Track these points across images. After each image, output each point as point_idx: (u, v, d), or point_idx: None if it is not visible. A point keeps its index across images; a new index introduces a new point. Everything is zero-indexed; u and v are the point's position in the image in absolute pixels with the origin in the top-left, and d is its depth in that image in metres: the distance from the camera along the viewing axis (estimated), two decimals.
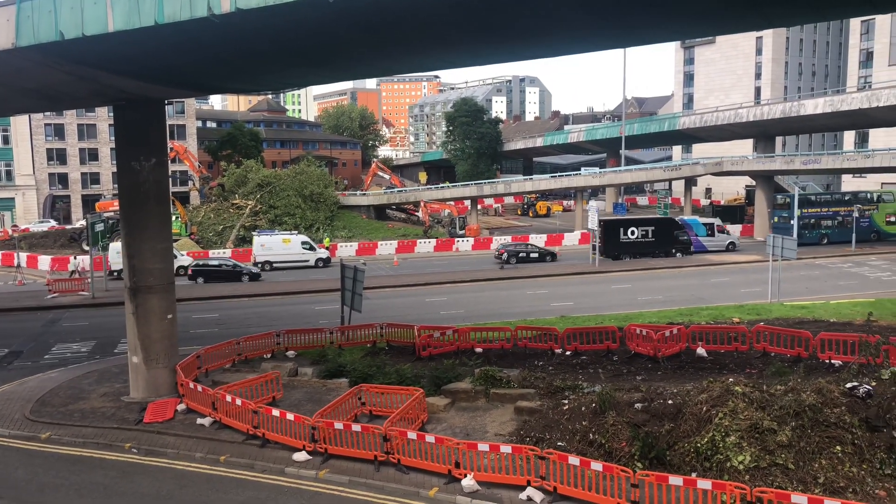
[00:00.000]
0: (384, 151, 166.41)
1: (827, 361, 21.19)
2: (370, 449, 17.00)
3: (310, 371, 23.66)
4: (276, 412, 18.60)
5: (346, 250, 61.22)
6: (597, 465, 14.45)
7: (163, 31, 15.20)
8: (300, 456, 17.65)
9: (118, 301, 29.30)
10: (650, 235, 54.97)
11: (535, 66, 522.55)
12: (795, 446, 14.29)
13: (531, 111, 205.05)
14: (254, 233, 60.04)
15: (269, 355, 25.83)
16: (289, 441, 18.11)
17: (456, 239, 65.52)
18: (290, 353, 25.90)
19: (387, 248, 62.56)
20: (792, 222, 57.86)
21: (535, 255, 54.82)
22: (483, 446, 16.06)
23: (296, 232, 60.63)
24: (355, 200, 78.01)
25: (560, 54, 22.95)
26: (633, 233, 54.72)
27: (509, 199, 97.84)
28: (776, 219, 61.76)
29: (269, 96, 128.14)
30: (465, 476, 15.57)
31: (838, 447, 14.21)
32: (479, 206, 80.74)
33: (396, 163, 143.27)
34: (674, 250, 54.75)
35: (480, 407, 19.98)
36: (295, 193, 70.81)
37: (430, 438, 16.54)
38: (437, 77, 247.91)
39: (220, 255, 57.21)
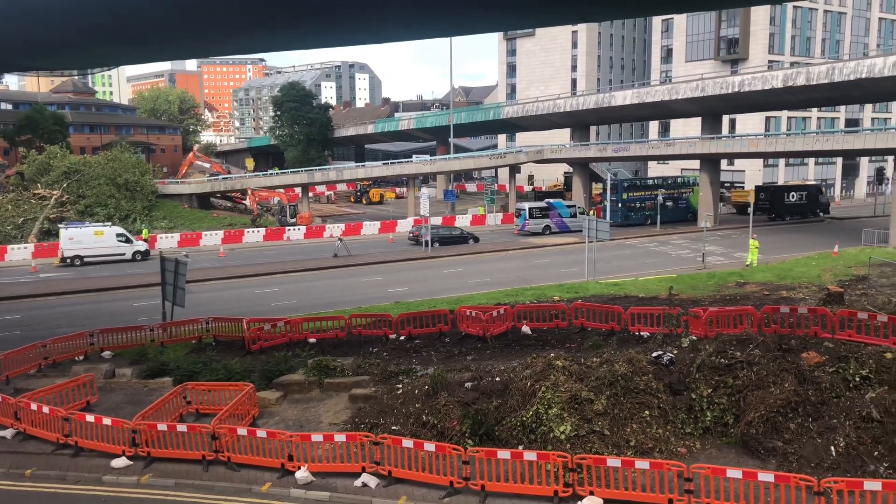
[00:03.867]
0: (207, 137, 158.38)
1: (637, 333, 22.99)
2: (198, 449, 16.23)
3: (129, 372, 22.13)
4: (90, 418, 17.21)
5: (167, 242, 57.78)
6: (430, 446, 14.76)
7: None
8: (119, 462, 16.49)
9: None
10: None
11: (365, 53, 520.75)
12: (610, 413, 15.41)
13: (361, 98, 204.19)
14: (60, 225, 54.92)
15: (81, 357, 23.85)
16: (106, 447, 16.85)
17: (287, 228, 63.94)
18: (107, 354, 24.08)
19: (212, 238, 59.78)
20: (619, 205, 62.72)
21: (457, 234, 56.79)
22: (317, 437, 15.86)
23: (109, 223, 56.21)
24: (176, 189, 73.67)
25: (386, 41, 23.05)
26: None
27: (342, 187, 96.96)
28: (602, 202, 66.38)
29: (76, 76, 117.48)
30: (300, 468, 15.32)
31: (647, 412, 15.51)
32: (310, 194, 79.35)
33: (221, 149, 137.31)
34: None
35: (314, 398, 19.71)
36: (108, 182, 65.59)
37: (261, 433, 16.08)
38: (262, 60, 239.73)
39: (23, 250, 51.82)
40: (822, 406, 14.66)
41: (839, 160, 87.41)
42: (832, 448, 13.72)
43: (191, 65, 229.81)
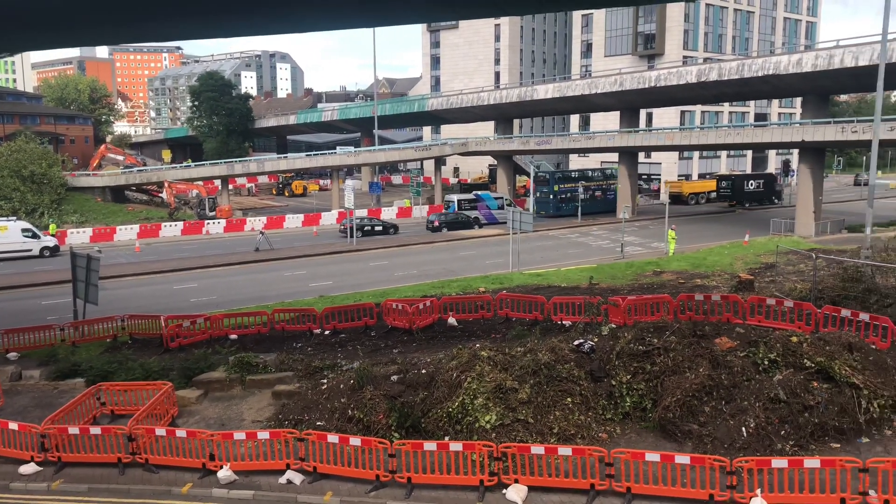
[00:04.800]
0: (121, 127, 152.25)
1: (559, 322, 23.42)
2: (113, 451, 15.61)
3: (37, 373, 21.09)
4: None
5: (79, 237, 55.30)
6: (355, 441, 14.65)
7: None
8: (28, 468, 15.70)
9: None
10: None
11: (287, 43, 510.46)
12: (534, 402, 15.64)
13: (283, 88, 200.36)
14: None
15: None
16: (12, 453, 16.01)
17: (206, 221, 62.17)
18: (12, 356, 22.85)
19: (127, 233, 57.53)
20: (552, 196, 64.02)
21: (380, 227, 56.72)
22: (239, 435, 15.51)
23: (14, 218, 53.25)
24: (87, 181, 70.54)
25: (307, 30, 22.64)
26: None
27: (263, 179, 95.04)
28: (538, 193, 67.55)
29: None
30: (222, 467, 14.95)
31: (569, 399, 15.82)
32: (230, 186, 77.44)
33: (136, 140, 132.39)
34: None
35: (236, 395, 19.26)
36: (11, 174, 62.18)
37: (181, 433, 15.60)
38: (179, 48, 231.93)
39: None
40: (734, 389, 15.29)
41: (749, 153, 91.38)
42: (743, 429, 14.33)
43: (102, 52, 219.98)
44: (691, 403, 15.13)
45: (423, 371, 17.59)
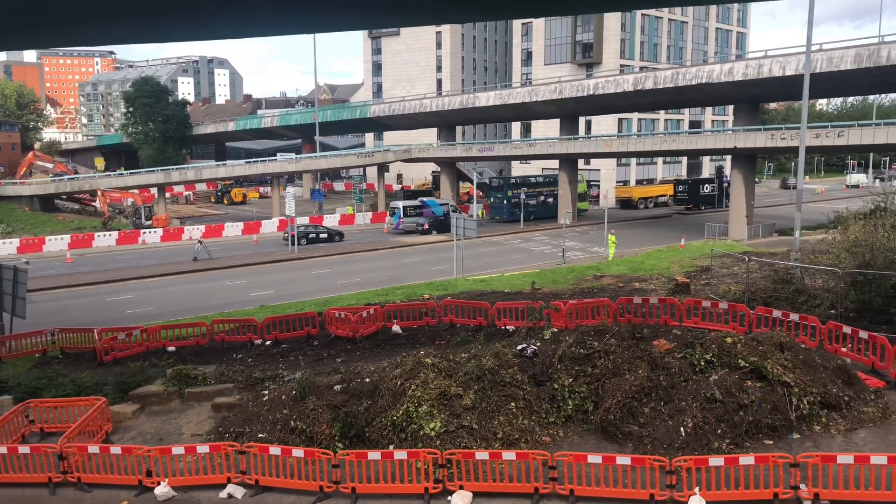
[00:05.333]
0: (50, 134, 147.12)
1: (503, 328, 23.61)
2: (43, 471, 14.98)
3: None
4: None
5: (5, 248, 53.09)
6: (298, 452, 14.42)
7: None
8: None
9: None
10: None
11: (225, 48, 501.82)
12: (478, 407, 15.68)
13: (222, 94, 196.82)
14: None
15: None
16: None
17: (142, 230, 60.51)
18: None
19: (57, 243, 55.48)
20: (505, 202, 64.88)
21: (325, 235, 56.40)
22: (178, 449, 15.08)
23: None
24: (15, 190, 67.95)
25: (245, 36, 22.31)
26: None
27: (202, 187, 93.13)
28: (491, 199, 68.26)
29: None
30: (159, 483, 14.51)
31: (513, 403, 15.92)
32: (167, 195, 75.57)
33: (67, 147, 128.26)
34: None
35: (174, 409, 18.73)
36: None
37: (115, 450, 15.09)
38: (112, 53, 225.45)
39: None
40: (673, 390, 15.63)
41: (684, 159, 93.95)
42: (682, 429, 14.66)
43: (30, 56, 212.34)
44: (631, 405, 15.41)
45: (367, 380, 17.45)
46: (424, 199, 66.89)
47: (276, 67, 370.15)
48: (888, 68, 42.56)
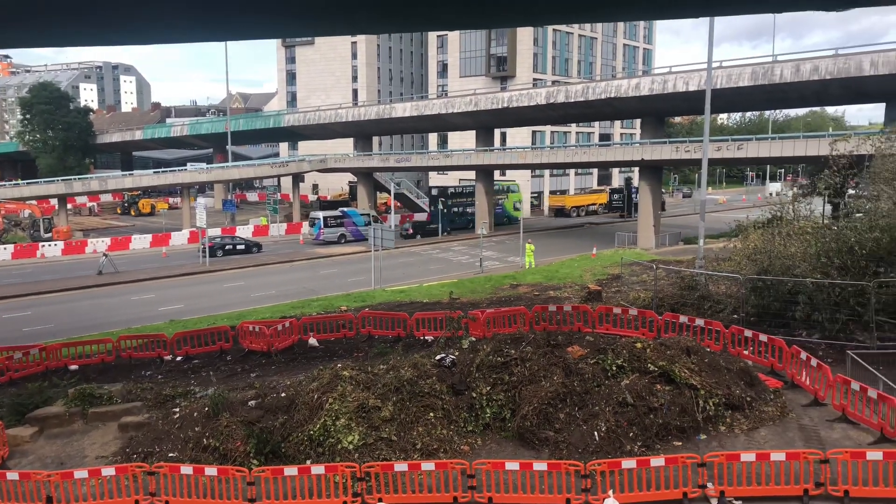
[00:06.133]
0: None
1: (422, 338, 23.64)
2: None
3: None
4: None
5: None
6: (211, 471, 13.96)
7: None
8: None
9: None
10: None
11: (132, 54, 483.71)
12: (397, 419, 15.62)
13: (128, 102, 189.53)
14: None
15: None
16: None
17: (41, 244, 57.38)
18: None
19: None
20: (443, 212, 65.36)
21: (242, 246, 55.19)
22: (81, 473, 14.33)
23: None
24: None
25: (152, 42, 21.56)
26: None
27: (107, 197, 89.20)
28: (431, 209, 68.56)
29: None
30: None
31: (432, 414, 15.94)
32: (69, 206, 72.08)
33: None
34: None
35: (77, 430, 17.80)
36: None
37: (12, 476, 14.20)
38: (7, 57, 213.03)
39: None
40: (587, 395, 16.02)
41: (595, 171, 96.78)
42: (595, 433, 15.03)
43: None
44: (547, 411, 15.69)
45: (283, 394, 17.11)
46: (345, 209, 66.48)
47: (186, 75, 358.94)
48: (781, 86, 45.22)
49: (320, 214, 62.52)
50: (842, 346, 19.91)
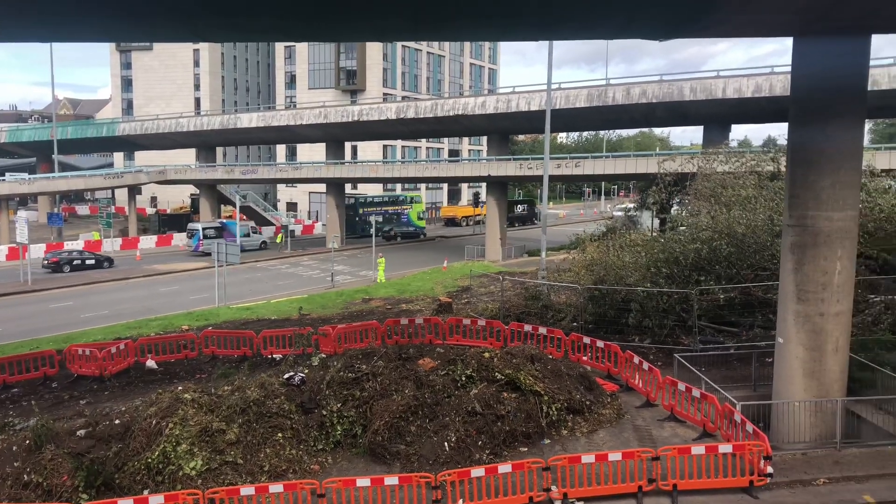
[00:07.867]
0: None
1: (270, 356, 22.94)
2: None
3: None
4: None
5: None
6: None
7: None
8: None
9: None
10: None
11: None
12: (243, 441, 15.03)
13: None
14: None
15: None
16: None
17: None
18: None
19: None
20: (357, 220, 66.85)
21: (92, 261, 51.52)
22: None
23: None
24: None
25: None
26: None
27: None
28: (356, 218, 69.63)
29: None
30: None
31: (280, 434, 15.47)
32: None
33: None
34: None
35: None
36: None
37: None
38: None
39: None
40: (437, 406, 16.21)
41: (445, 185, 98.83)
42: (446, 444, 15.23)
43: None
44: (399, 424, 15.71)
45: (118, 421, 15.96)
46: (224, 220, 65.31)
47: (6, 77, 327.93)
48: (614, 107, 48.46)
49: (199, 226, 61.25)
50: (670, 350, 21.53)
